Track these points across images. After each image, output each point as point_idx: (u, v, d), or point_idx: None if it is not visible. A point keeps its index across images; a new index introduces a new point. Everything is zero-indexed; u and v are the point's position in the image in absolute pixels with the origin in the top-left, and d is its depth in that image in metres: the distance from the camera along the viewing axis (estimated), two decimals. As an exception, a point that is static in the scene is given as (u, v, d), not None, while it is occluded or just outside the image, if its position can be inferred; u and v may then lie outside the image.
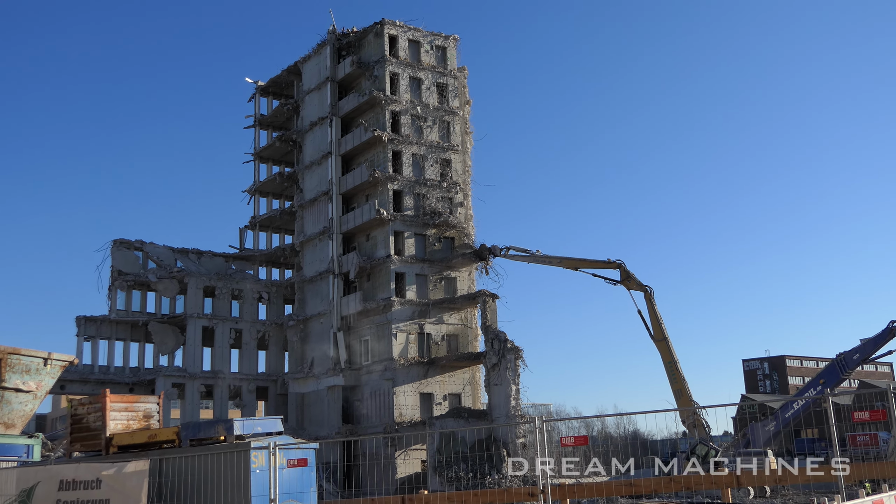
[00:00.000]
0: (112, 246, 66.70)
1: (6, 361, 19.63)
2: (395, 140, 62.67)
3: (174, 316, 66.22)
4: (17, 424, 20.45)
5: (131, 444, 19.28)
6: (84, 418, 20.53)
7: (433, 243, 62.59)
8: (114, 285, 65.71)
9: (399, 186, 62.12)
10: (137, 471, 15.62)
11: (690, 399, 52.30)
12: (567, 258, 58.17)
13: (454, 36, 67.79)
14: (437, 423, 55.09)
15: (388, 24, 64.88)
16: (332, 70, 67.47)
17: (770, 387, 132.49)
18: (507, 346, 54.93)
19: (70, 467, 16.78)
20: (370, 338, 61.08)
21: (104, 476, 15.69)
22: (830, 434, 14.18)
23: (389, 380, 58.31)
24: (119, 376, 63.64)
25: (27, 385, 20.11)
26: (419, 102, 64.49)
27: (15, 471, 17.59)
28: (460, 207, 63.96)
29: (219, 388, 65.25)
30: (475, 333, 62.09)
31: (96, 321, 64.42)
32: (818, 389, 55.08)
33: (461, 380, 60.95)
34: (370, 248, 62.69)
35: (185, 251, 70.17)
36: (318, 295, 65.58)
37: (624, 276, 55.19)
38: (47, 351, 20.69)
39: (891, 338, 53.57)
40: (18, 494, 16.43)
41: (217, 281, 67.58)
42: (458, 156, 65.33)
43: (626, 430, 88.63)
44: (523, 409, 55.89)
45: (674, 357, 53.28)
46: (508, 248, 59.71)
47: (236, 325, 67.56)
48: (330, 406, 61.57)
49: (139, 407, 20.91)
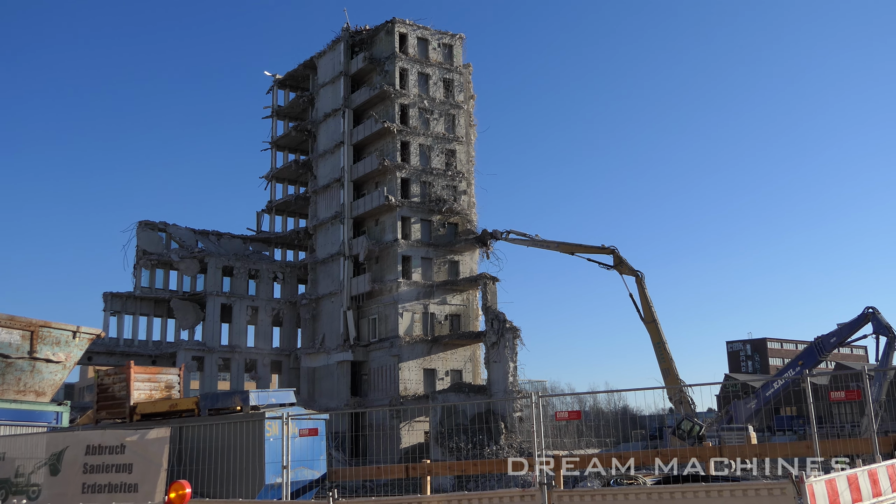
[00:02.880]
0: (137, 227, 66.69)
1: (38, 334, 19.65)
2: (404, 131, 62.51)
3: (195, 293, 66.26)
4: (47, 392, 20.48)
5: (153, 413, 19.32)
6: (110, 388, 20.57)
7: (438, 228, 62.51)
8: (139, 264, 65.74)
9: (407, 175, 62.00)
10: (159, 437, 15.64)
11: (677, 377, 52.29)
12: (564, 243, 58.04)
13: (460, 35, 67.50)
14: (439, 397, 55.20)
15: (398, 22, 64.61)
16: (346, 65, 67.25)
17: (752, 367, 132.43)
18: (506, 325, 54.93)
19: (96, 433, 16.80)
20: (377, 316, 61.13)
21: (128, 442, 15.71)
22: (808, 412, 14.16)
23: (395, 356, 58.37)
24: (143, 349, 63.75)
25: (57, 356, 20.13)
26: (426, 96, 64.28)
27: (45, 436, 17.63)
28: (464, 195, 63.84)
29: (236, 361, 65.35)
30: (476, 313, 62.11)
31: (122, 297, 64.49)
32: (797, 370, 55.14)
33: (462, 357, 61.00)
34: (379, 232, 62.63)
35: (206, 233, 70.15)
36: (329, 276, 65.58)
37: (617, 262, 55.06)
38: (76, 324, 20.68)
39: (865, 322, 53.58)
40: (48, 458, 16.48)
41: (235, 261, 67.58)
42: (463, 147, 65.16)
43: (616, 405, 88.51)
44: (520, 385, 55.97)
45: (662, 338, 53.22)
46: (509, 232, 59.63)
47: (253, 302, 67.62)
48: (339, 380, 61.68)
49: (161, 378, 20.95)
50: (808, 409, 13.94)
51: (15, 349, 19.35)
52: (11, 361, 19.39)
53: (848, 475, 11.41)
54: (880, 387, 49.10)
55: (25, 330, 19.49)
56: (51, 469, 16.43)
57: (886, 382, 50.54)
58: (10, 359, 19.34)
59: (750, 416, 57.54)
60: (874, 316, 52.83)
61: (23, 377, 19.72)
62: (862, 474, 11.67)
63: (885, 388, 50.21)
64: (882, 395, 49.39)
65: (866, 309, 53.14)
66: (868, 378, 13.72)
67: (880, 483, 11.89)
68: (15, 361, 19.46)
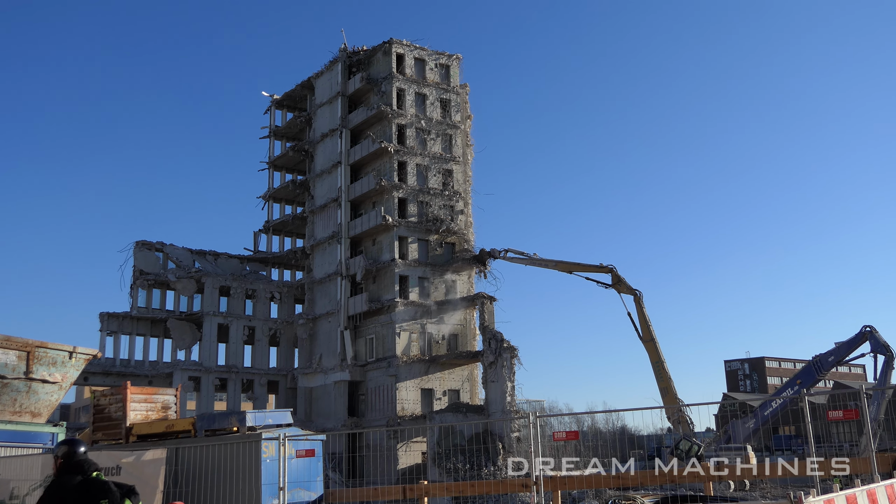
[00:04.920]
0: (134, 247, 66.67)
1: (34, 354, 19.59)
2: (401, 151, 62.66)
3: (192, 313, 66.15)
4: (42, 413, 20.39)
5: (150, 434, 19.26)
6: (106, 408, 20.53)
7: (435, 248, 62.54)
8: (135, 284, 65.66)
9: (404, 194, 62.11)
10: (155, 458, 15.58)
11: (675, 397, 52.13)
12: (562, 262, 58.02)
13: (457, 55, 67.80)
14: (436, 418, 54.99)
15: (395, 43, 64.92)
16: (343, 85, 67.51)
17: (750, 386, 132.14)
18: (504, 345, 54.83)
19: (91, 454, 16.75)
20: (375, 336, 61.03)
21: (123, 463, 15.66)
22: (806, 431, 14.13)
23: (392, 376, 58.21)
24: (139, 369, 63.54)
25: (53, 376, 20.06)
26: (423, 116, 64.49)
27: (41, 457, 17.56)
28: (461, 215, 63.92)
29: (232, 381, 65.16)
30: (474, 333, 62.00)
31: (118, 317, 64.38)
32: (795, 389, 54.96)
33: (460, 377, 60.84)
34: (376, 252, 62.64)
35: (203, 253, 70.11)
36: (326, 295, 65.52)
37: (615, 280, 55.01)
38: (72, 345, 20.62)
39: (863, 341, 53.45)
40: (44, 480, 16.39)
41: (232, 281, 67.54)
42: (460, 166, 65.30)
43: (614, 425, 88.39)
44: (518, 405, 55.78)
45: (661, 357, 53.11)
46: (507, 251, 59.67)
47: (250, 322, 67.51)
48: (336, 400, 61.48)
49: (158, 398, 20.91)
50: (807, 428, 13.92)
51: (11, 370, 19.28)
52: (7, 382, 19.31)
53: (847, 495, 11.38)
54: (878, 406, 48.97)
55: (21, 350, 19.43)
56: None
57: (885, 401, 50.44)
58: (6, 379, 19.26)
59: (748, 435, 57.31)
60: (871, 335, 52.72)
61: (19, 398, 19.63)
62: (861, 494, 11.65)
63: (883, 406, 50.09)
64: (880, 414, 49.26)
65: (864, 328, 53.04)
66: (866, 397, 13.70)
67: (879, 503, 11.87)
68: (11, 382, 19.38)
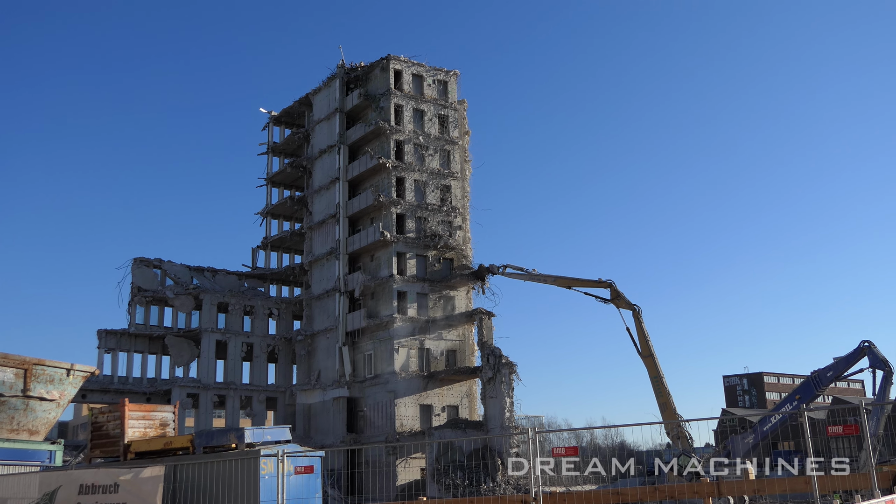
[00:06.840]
0: (132, 264, 66.65)
1: (31, 372, 19.58)
2: (399, 167, 62.79)
3: (190, 330, 66.04)
4: (40, 431, 20.36)
5: (148, 451, 19.19)
6: (104, 426, 20.46)
7: (433, 264, 62.56)
8: (133, 301, 65.59)
9: (402, 210, 62.17)
10: (153, 476, 15.53)
11: (674, 412, 51.95)
12: (560, 277, 57.93)
13: (455, 71, 68.06)
14: (435, 434, 54.86)
15: (393, 59, 65.16)
16: (341, 101, 67.71)
17: (749, 401, 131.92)
18: (502, 361, 54.77)
19: (90, 472, 16.68)
20: (373, 352, 60.93)
21: (121, 481, 15.60)
22: (806, 447, 14.11)
23: (391, 392, 58.10)
24: (137, 386, 63.39)
25: (51, 394, 20.04)
26: (421, 132, 64.65)
27: (38, 475, 17.50)
28: (459, 231, 63.98)
29: (231, 398, 64.99)
30: (472, 349, 61.94)
31: (116, 334, 64.28)
32: (794, 404, 54.79)
33: (459, 392, 60.72)
34: (374, 267, 62.65)
35: (201, 269, 70.11)
36: (324, 311, 65.45)
37: (614, 295, 54.88)
38: (70, 362, 20.64)
39: (861, 356, 53.28)
40: (41, 497, 16.34)
41: (230, 297, 67.47)
42: (458, 182, 65.41)
43: (613, 441, 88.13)
44: (517, 421, 55.66)
45: (659, 372, 52.94)
46: (506, 267, 59.60)
47: (248, 339, 67.42)
48: (335, 416, 61.31)
49: (156, 416, 20.85)
50: (806, 443, 13.90)
51: (8, 387, 19.26)
52: (5, 400, 19.29)
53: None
54: (878, 421, 48.84)
55: (19, 368, 19.42)
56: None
57: (884, 416, 50.32)
58: (4, 397, 19.24)
59: (748, 451, 57.15)
60: (870, 350, 52.57)
61: (16, 415, 19.60)
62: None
63: (882, 422, 49.96)
64: (880, 430, 49.13)
65: (862, 343, 52.81)
66: (866, 412, 13.70)
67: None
68: (8, 400, 19.35)
